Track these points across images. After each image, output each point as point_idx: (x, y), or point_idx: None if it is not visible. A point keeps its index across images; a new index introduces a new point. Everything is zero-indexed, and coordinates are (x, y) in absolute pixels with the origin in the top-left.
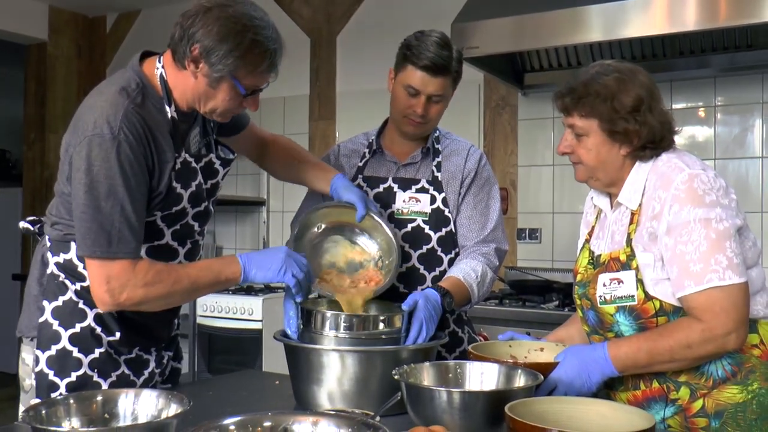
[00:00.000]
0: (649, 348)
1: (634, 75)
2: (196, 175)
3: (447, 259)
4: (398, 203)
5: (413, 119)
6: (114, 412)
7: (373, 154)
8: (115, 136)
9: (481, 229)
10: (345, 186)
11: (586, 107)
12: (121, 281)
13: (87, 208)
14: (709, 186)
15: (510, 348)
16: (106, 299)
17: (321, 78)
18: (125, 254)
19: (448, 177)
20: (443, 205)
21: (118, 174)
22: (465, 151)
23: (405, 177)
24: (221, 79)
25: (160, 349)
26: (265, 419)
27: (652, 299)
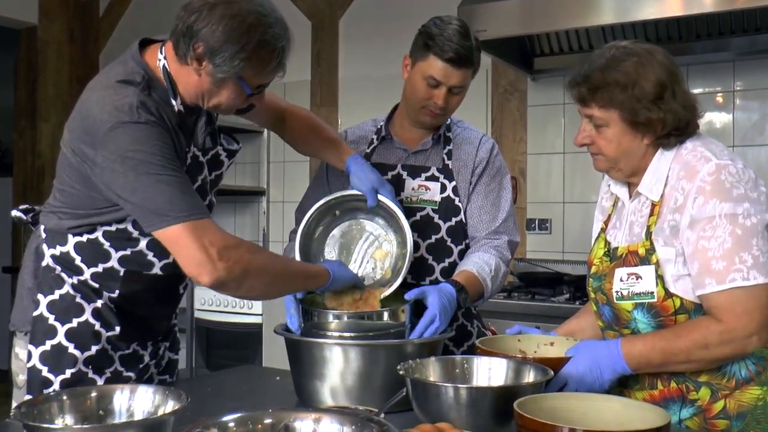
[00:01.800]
0: (663, 347)
1: (652, 57)
2: (202, 169)
3: (457, 250)
4: (407, 191)
5: (433, 110)
6: (109, 408)
7: (381, 141)
8: (137, 121)
9: (492, 219)
10: (358, 172)
11: (605, 97)
12: (223, 243)
13: (144, 187)
14: (737, 178)
15: (519, 342)
16: (215, 267)
17: (323, 63)
18: (208, 215)
19: (459, 165)
20: (453, 194)
21: (157, 152)
22: (477, 140)
23: (415, 164)
24: (226, 79)
25: (157, 341)
26: (266, 416)
27: (672, 296)
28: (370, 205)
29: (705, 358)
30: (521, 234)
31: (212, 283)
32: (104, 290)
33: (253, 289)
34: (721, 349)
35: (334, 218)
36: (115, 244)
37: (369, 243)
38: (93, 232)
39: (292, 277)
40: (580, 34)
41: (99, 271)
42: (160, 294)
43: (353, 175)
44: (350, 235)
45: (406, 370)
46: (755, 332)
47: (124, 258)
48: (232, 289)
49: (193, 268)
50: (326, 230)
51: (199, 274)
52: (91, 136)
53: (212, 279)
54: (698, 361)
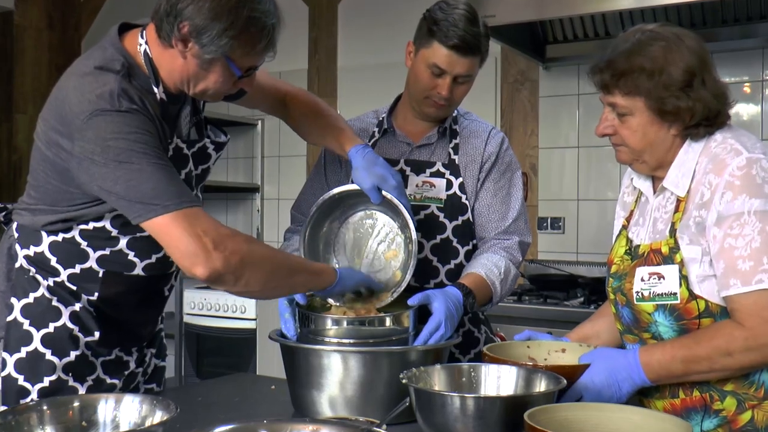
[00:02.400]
0: (684, 356)
1: (681, 41)
2: (186, 162)
3: (463, 251)
4: (411, 188)
5: (436, 101)
6: (93, 419)
7: (383, 134)
8: (119, 109)
9: (501, 219)
10: (359, 168)
11: (630, 84)
12: (218, 233)
13: (127, 176)
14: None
15: (528, 349)
16: (210, 257)
17: (320, 51)
18: (199, 203)
19: (466, 161)
20: (460, 192)
21: (140, 141)
22: (485, 134)
23: (419, 159)
24: (214, 61)
25: (142, 348)
26: (260, 427)
27: (696, 298)
28: (375, 202)
29: (729, 366)
30: (533, 234)
31: (208, 275)
32: (82, 293)
33: (252, 282)
34: (746, 356)
35: (344, 210)
36: (92, 244)
37: (380, 240)
38: (69, 231)
39: (294, 272)
40: (596, 20)
41: (76, 272)
42: (143, 297)
43: (354, 170)
44: (362, 230)
45: (409, 379)
46: None
47: (102, 258)
48: (230, 282)
49: (186, 260)
50: (335, 226)
51: (193, 266)
52: (68, 126)
53: (208, 270)
54: (722, 369)
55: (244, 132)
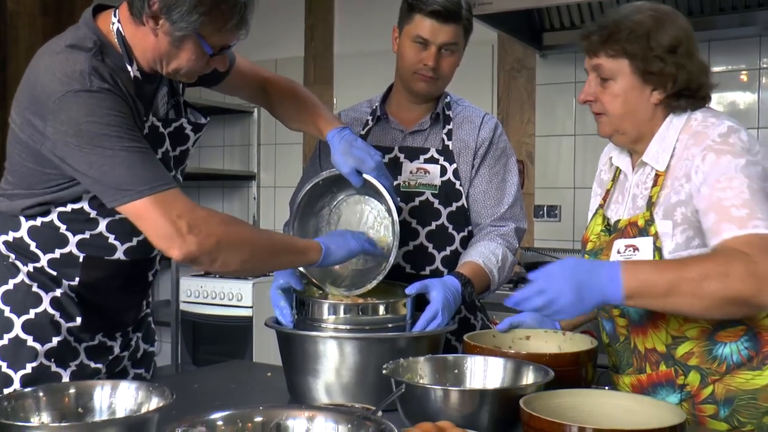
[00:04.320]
0: (674, 275)
1: (672, 16)
2: (163, 142)
3: (459, 238)
4: (405, 175)
5: (424, 74)
6: (89, 406)
7: (377, 122)
8: (90, 88)
9: (497, 205)
10: (337, 151)
11: (617, 45)
12: (193, 216)
13: (102, 160)
14: (749, 145)
15: (494, 338)
16: (185, 240)
17: (317, 38)
18: (175, 186)
19: (460, 146)
20: (454, 178)
21: (114, 123)
22: (479, 119)
23: (412, 146)
24: (185, 38)
25: (127, 332)
26: (256, 414)
27: None
28: (355, 185)
29: (717, 294)
30: (529, 221)
31: (183, 258)
32: (63, 278)
33: (230, 263)
34: (743, 283)
35: (332, 197)
36: (72, 227)
37: (369, 226)
38: (47, 214)
39: (276, 251)
40: (593, 7)
41: (56, 257)
42: (126, 281)
43: (332, 154)
44: (352, 217)
45: (392, 371)
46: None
47: (83, 242)
48: (206, 263)
49: (162, 242)
50: (324, 213)
51: (168, 248)
52: (40, 107)
53: (182, 253)
54: (707, 296)
55: (240, 120)
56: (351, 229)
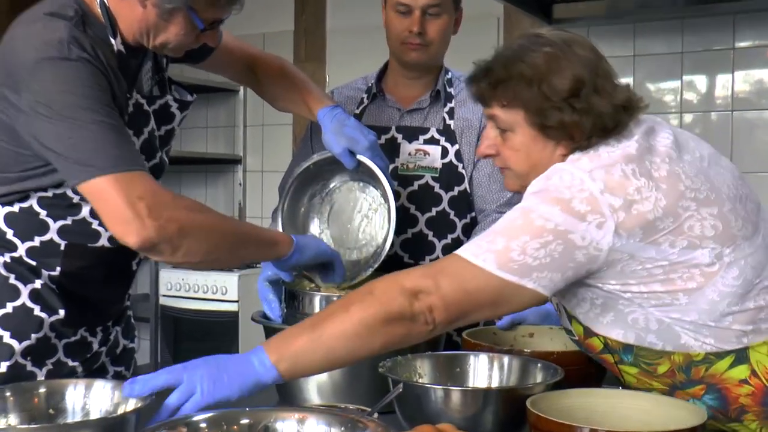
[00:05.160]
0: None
1: (569, 48)
2: (148, 120)
3: (461, 225)
4: (403, 157)
5: (412, 41)
6: (60, 406)
7: (372, 100)
8: (68, 56)
9: (503, 189)
10: (328, 131)
11: (508, 94)
12: (155, 199)
13: (70, 134)
14: (566, 185)
15: (494, 336)
16: (144, 225)
17: (308, 11)
18: (142, 168)
19: (463, 126)
20: (456, 160)
21: (89, 95)
22: None
23: (411, 125)
24: (175, 11)
25: (107, 327)
26: (243, 416)
27: (595, 335)
28: (348, 168)
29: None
30: None
31: (140, 244)
32: (43, 268)
33: (193, 252)
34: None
35: (324, 182)
36: (52, 213)
37: (364, 213)
38: (26, 200)
39: (243, 241)
40: None
41: (36, 245)
42: (110, 271)
43: (324, 134)
44: (345, 203)
45: (389, 369)
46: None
47: (64, 229)
48: (166, 252)
49: (118, 227)
50: (316, 201)
51: (124, 234)
52: (14, 77)
53: (140, 239)
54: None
55: (225, 99)
56: (344, 219)
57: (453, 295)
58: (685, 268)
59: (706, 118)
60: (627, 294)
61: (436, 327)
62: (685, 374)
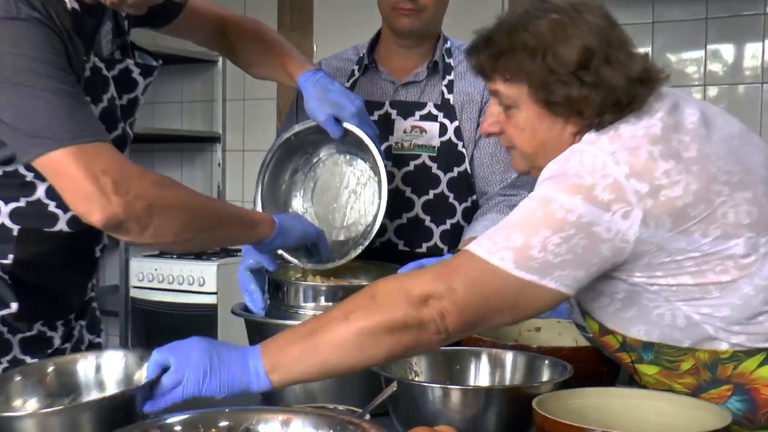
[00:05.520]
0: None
1: (579, 15)
2: (107, 87)
3: (461, 209)
4: (397, 134)
5: (403, 7)
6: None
7: (364, 71)
8: (16, 16)
9: (506, 169)
10: (311, 96)
11: (511, 67)
12: (121, 173)
13: (20, 102)
14: (587, 169)
15: (498, 329)
16: (109, 202)
17: None
18: (105, 139)
19: (463, 100)
20: (456, 138)
21: (41, 58)
22: None
23: (406, 100)
24: None
25: (69, 320)
26: (222, 417)
27: (611, 332)
28: (334, 137)
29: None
30: None
31: (105, 222)
32: None
33: (164, 232)
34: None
35: (307, 156)
36: (4, 194)
37: (351, 189)
38: None
39: (219, 221)
40: None
41: None
42: (69, 258)
43: (306, 101)
44: (330, 178)
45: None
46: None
47: (17, 212)
48: (134, 231)
49: (81, 204)
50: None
51: (88, 211)
52: None
53: (105, 216)
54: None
55: (202, 71)
56: (330, 196)
57: (467, 299)
58: (719, 260)
59: (732, 91)
60: (654, 287)
61: (450, 335)
62: (711, 372)
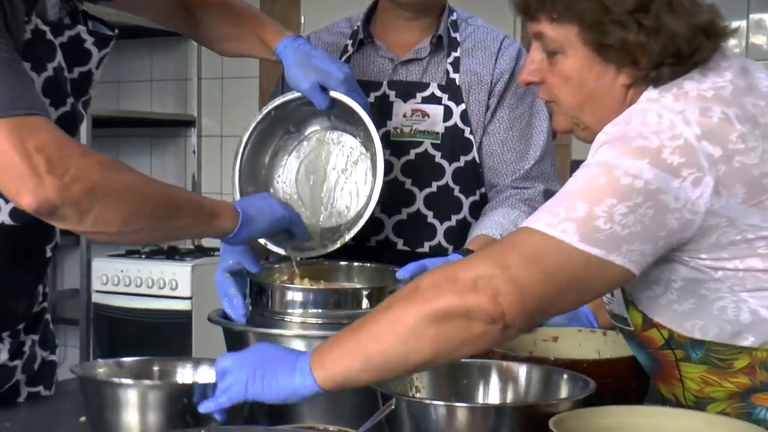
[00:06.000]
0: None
1: None
2: (53, 54)
3: (468, 204)
4: (397, 119)
5: None
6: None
7: (358, 47)
8: None
9: (520, 159)
10: (292, 64)
11: (560, 3)
12: (59, 151)
13: None
14: (652, 129)
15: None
16: (41, 182)
17: None
18: (43, 113)
19: (471, 80)
20: (463, 123)
21: None
22: (496, 44)
23: (406, 80)
24: None
25: (18, 332)
26: None
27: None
28: (320, 107)
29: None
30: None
31: (37, 206)
32: None
33: (107, 220)
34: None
35: (288, 139)
36: None
37: (341, 169)
38: None
39: (173, 209)
40: None
41: None
42: (13, 255)
43: (287, 70)
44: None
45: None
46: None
47: None
48: (71, 218)
49: (11, 185)
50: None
51: (18, 193)
52: None
53: (36, 200)
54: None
55: (174, 45)
56: (317, 179)
57: (525, 276)
58: None
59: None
60: (718, 273)
61: (508, 323)
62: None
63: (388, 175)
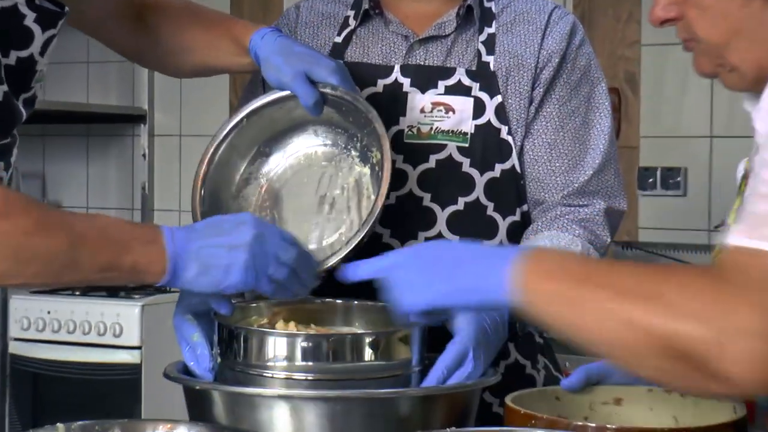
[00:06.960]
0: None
1: None
2: None
3: (505, 225)
4: (412, 115)
5: None
6: None
7: (363, 21)
8: None
9: (572, 169)
10: (270, 55)
11: None
12: None
13: None
14: None
15: (557, 402)
16: None
17: None
18: None
19: (509, 64)
20: (499, 120)
21: None
22: (543, 16)
23: (426, 64)
24: None
25: None
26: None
27: None
28: (306, 104)
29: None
30: (629, 196)
31: None
32: None
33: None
34: (700, 313)
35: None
36: None
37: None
38: None
39: (69, 266)
40: None
41: None
42: None
43: (264, 61)
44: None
45: None
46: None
47: None
48: None
49: None
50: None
51: None
52: None
53: None
54: (624, 338)
55: None
56: (300, 206)
57: None
58: None
59: None
60: None
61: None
62: None
63: (400, 189)
